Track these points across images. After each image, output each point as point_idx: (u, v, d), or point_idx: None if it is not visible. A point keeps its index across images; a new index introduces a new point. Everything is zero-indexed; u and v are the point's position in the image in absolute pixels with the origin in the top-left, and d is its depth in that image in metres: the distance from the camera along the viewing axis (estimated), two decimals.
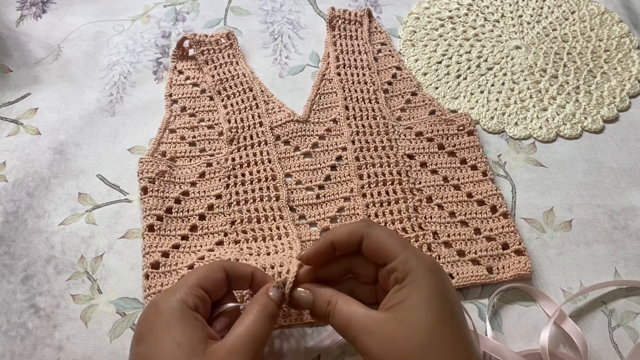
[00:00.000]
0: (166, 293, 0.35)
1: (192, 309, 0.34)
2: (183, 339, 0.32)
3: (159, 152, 0.53)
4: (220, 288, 0.37)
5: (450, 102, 0.58)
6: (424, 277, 0.34)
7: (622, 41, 0.62)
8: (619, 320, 0.44)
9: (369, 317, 0.34)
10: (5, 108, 0.57)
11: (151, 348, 0.32)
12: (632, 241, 0.49)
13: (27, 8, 0.66)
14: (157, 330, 0.33)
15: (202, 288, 0.35)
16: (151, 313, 0.34)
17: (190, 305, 0.34)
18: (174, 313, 0.33)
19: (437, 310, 0.33)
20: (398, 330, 0.32)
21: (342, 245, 0.37)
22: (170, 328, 0.32)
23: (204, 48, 0.59)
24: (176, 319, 0.33)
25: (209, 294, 0.36)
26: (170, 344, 0.32)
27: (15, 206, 0.50)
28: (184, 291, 0.34)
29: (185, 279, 0.36)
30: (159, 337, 0.32)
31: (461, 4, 0.66)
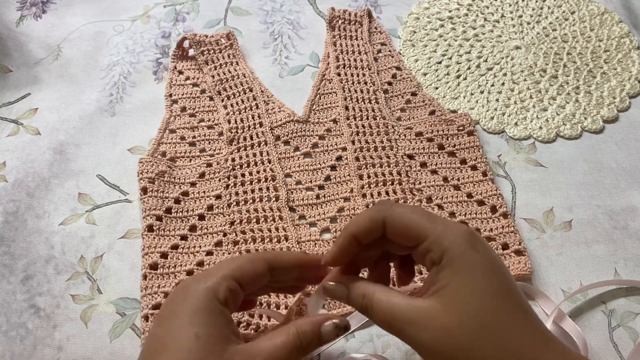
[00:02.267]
0: (198, 278, 0.33)
1: (221, 302, 0.31)
2: (203, 332, 0.30)
3: (159, 153, 0.53)
4: (257, 281, 0.34)
5: (450, 102, 0.58)
6: (463, 253, 0.30)
7: (622, 41, 0.62)
8: (619, 321, 0.44)
9: (412, 307, 0.30)
10: (5, 108, 0.57)
11: (168, 332, 0.30)
12: (632, 241, 0.49)
13: (27, 8, 0.66)
14: (179, 315, 0.31)
15: (236, 280, 0.33)
16: (178, 296, 0.32)
17: (220, 298, 0.31)
18: (201, 302, 0.31)
19: (486, 288, 0.30)
20: (449, 319, 0.29)
21: (365, 236, 0.33)
22: (193, 317, 0.30)
23: (204, 48, 0.59)
24: (201, 309, 0.31)
25: (242, 287, 0.33)
26: (188, 334, 0.30)
27: (15, 206, 0.50)
28: (216, 281, 0.32)
29: (221, 266, 0.34)
30: (179, 323, 0.30)
31: (461, 4, 0.66)
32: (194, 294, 0.31)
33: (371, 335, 0.44)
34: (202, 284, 0.32)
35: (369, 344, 0.43)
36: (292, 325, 0.32)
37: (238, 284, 0.33)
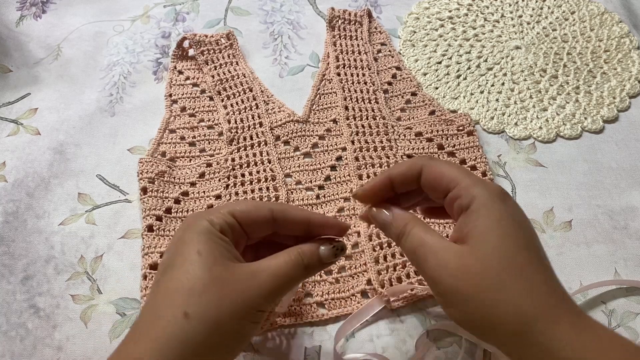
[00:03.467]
0: (200, 213, 0.35)
1: (218, 231, 0.33)
2: (204, 250, 0.32)
3: (159, 152, 0.53)
4: (260, 227, 0.35)
5: (450, 102, 0.58)
6: (492, 202, 0.31)
7: (622, 41, 0.62)
8: (619, 320, 0.44)
9: (443, 243, 0.32)
10: (5, 108, 0.57)
11: (174, 253, 0.33)
12: (632, 241, 0.49)
13: (27, 8, 0.66)
14: (182, 242, 0.33)
15: (236, 218, 0.34)
16: (180, 228, 0.34)
17: (216, 227, 0.33)
18: (200, 229, 0.33)
19: (511, 235, 0.31)
20: (472, 259, 0.30)
21: (401, 181, 0.35)
22: (195, 239, 0.32)
23: (204, 48, 0.59)
24: (201, 233, 0.33)
25: (245, 229, 0.35)
26: (191, 252, 0.32)
27: (15, 206, 0.50)
28: (214, 214, 0.34)
29: (224, 205, 0.36)
30: (183, 247, 0.32)
31: (461, 4, 0.66)
32: (196, 224, 0.33)
33: (371, 336, 0.44)
34: (202, 216, 0.34)
35: (369, 344, 0.43)
36: (294, 248, 0.34)
37: (238, 222, 0.34)
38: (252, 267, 0.32)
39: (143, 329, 0.31)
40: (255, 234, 0.36)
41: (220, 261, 0.32)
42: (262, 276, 0.32)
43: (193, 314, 0.30)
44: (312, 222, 0.36)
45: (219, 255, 0.32)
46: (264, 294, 0.32)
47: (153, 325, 0.30)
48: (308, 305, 0.45)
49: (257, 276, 0.32)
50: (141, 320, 0.32)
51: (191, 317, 0.30)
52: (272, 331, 0.44)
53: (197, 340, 0.30)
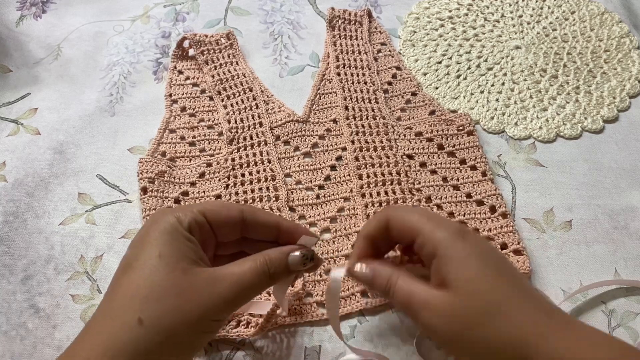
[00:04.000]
0: (168, 210, 0.34)
1: (185, 229, 0.33)
2: (166, 252, 0.31)
3: (159, 152, 0.53)
4: (229, 228, 0.35)
5: (450, 102, 0.58)
6: (454, 246, 0.33)
7: (622, 41, 0.62)
8: (619, 320, 0.44)
9: (429, 293, 0.33)
10: (5, 108, 0.57)
11: (135, 254, 0.32)
12: (632, 241, 0.49)
13: (27, 8, 0.66)
14: (145, 239, 0.32)
15: (205, 217, 0.34)
16: (148, 225, 0.33)
17: (184, 226, 0.32)
18: (165, 226, 0.32)
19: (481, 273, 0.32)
20: (455, 303, 0.32)
21: (377, 237, 0.37)
22: (157, 239, 0.32)
23: (204, 48, 0.59)
24: (165, 232, 0.32)
25: (214, 230, 0.34)
26: (152, 255, 0.31)
27: (15, 206, 0.50)
28: (182, 212, 0.33)
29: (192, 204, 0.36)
30: (145, 246, 0.32)
31: (461, 4, 0.66)
32: (161, 220, 0.33)
33: (371, 336, 0.44)
34: (170, 214, 0.33)
35: (369, 344, 0.43)
36: (260, 254, 0.34)
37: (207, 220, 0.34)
38: (214, 274, 0.32)
39: (95, 330, 0.30)
40: (225, 235, 0.35)
41: (181, 265, 0.31)
42: (224, 284, 0.31)
43: (147, 320, 0.29)
44: (282, 228, 0.36)
45: (181, 258, 0.31)
46: (223, 304, 0.31)
47: (105, 328, 0.30)
48: (308, 305, 0.45)
49: (217, 284, 0.31)
50: (94, 321, 0.31)
51: (145, 324, 0.29)
52: (272, 331, 0.44)
53: (148, 348, 0.29)
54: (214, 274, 0.32)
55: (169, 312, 0.30)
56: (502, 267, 0.33)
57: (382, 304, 0.45)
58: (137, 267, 0.31)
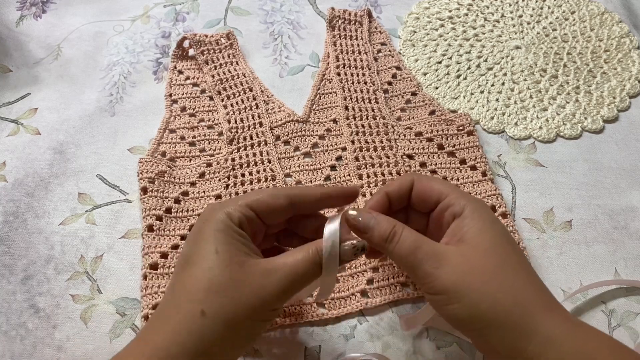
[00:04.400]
0: (219, 205, 0.35)
1: (236, 225, 0.34)
2: (222, 248, 0.33)
3: (159, 152, 0.53)
4: (278, 215, 0.36)
5: (450, 102, 0.58)
6: (482, 208, 0.35)
7: (622, 41, 0.62)
8: (619, 320, 0.44)
9: (439, 247, 0.34)
10: (5, 108, 0.57)
11: (193, 251, 0.34)
12: (632, 241, 0.49)
13: (27, 8, 0.66)
14: (201, 236, 0.34)
15: (253, 209, 0.35)
16: (202, 221, 0.35)
17: (235, 221, 0.34)
18: (218, 224, 0.34)
19: (503, 237, 0.34)
20: (475, 258, 0.32)
21: (396, 197, 0.38)
22: (212, 236, 0.33)
23: (204, 48, 0.59)
24: (218, 230, 0.33)
25: (262, 219, 0.36)
26: (209, 251, 0.33)
27: (15, 206, 0.50)
28: (232, 207, 0.35)
29: (242, 196, 0.37)
30: (202, 243, 0.33)
31: (461, 4, 0.66)
32: (214, 217, 0.34)
33: (371, 336, 0.44)
34: (221, 210, 0.35)
35: (369, 344, 0.43)
36: (312, 243, 0.34)
37: (255, 213, 0.35)
38: (268, 265, 0.33)
39: (164, 319, 0.32)
40: (273, 221, 0.37)
41: (236, 259, 0.33)
42: (278, 275, 0.33)
43: (209, 312, 0.31)
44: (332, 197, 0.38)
45: (235, 253, 0.33)
46: (278, 294, 0.33)
47: (173, 318, 0.32)
48: (308, 305, 0.45)
49: (272, 275, 0.33)
50: (162, 312, 0.33)
51: (207, 316, 0.31)
52: (272, 331, 0.44)
53: (212, 337, 0.31)
54: (268, 266, 0.33)
55: (229, 304, 0.32)
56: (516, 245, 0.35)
57: (382, 304, 0.45)
58: (196, 262, 0.33)
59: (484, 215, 0.34)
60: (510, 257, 0.33)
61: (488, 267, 0.32)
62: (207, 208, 0.36)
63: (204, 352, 0.31)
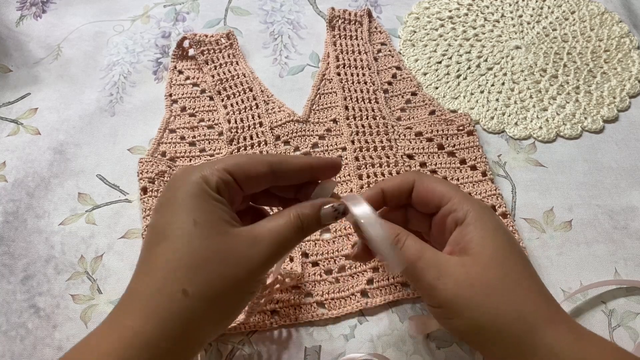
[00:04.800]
0: (191, 169, 0.32)
1: (214, 190, 0.31)
2: (201, 218, 0.30)
3: (159, 152, 0.53)
4: (257, 183, 0.33)
5: (450, 102, 0.58)
6: (485, 215, 0.33)
7: (622, 41, 0.62)
8: (619, 320, 0.44)
9: (442, 255, 0.33)
10: (5, 108, 0.57)
11: (167, 222, 0.30)
12: (632, 241, 0.49)
13: (27, 8, 0.66)
14: (174, 204, 0.30)
15: (231, 174, 0.32)
16: (171, 185, 0.32)
17: (212, 186, 0.31)
18: (192, 189, 0.30)
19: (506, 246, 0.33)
20: (477, 270, 0.31)
21: (393, 194, 0.36)
22: (189, 203, 0.30)
23: (204, 48, 0.59)
24: (194, 196, 0.30)
25: (240, 185, 0.32)
26: (186, 221, 0.30)
27: (15, 206, 0.50)
28: (207, 170, 0.31)
29: (216, 160, 0.33)
30: (176, 211, 0.30)
31: (461, 4, 0.66)
32: (187, 182, 0.31)
33: (371, 336, 0.44)
34: (195, 173, 0.31)
35: (369, 344, 0.43)
36: (292, 208, 0.33)
37: (234, 178, 0.32)
38: (251, 233, 0.31)
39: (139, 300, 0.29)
40: (252, 189, 0.33)
41: (217, 229, 0.30)
42: (263, 243, 0.31)
43: (192, 291, 0.29)
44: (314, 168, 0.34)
45: (216, 222, 0.30)
46: (265, 263, 0.31)
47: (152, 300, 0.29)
48: (308, 305, 0.45)
49: (257, 244, 0.30)
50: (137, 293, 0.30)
51: (191, 295, 0.29)
52: (272, 331, 0.44)
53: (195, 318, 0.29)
54: (251, 234, 0.31)
55: (214, 280, 0.29)
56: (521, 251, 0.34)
57: (382, 304, 0.45)
58: (173, 235, 0.30)
59: (487, 222, 0.33)
60: (514, 268, 0.32)
61: (490, 280, 0.31)
62: (179, 171, 0.32)
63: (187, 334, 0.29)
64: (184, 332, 0.29)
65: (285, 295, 0.45)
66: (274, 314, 0.44)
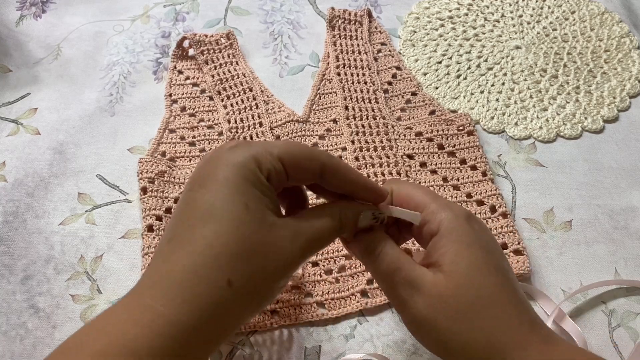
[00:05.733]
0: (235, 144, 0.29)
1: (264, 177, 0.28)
2: (253, 203, 0.27)
3: (159, 152, 0.53)
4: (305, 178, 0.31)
5: (450, 102, 0.58)
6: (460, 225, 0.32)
7: (622, 41, 0.62)
8: (619, 321, 0.44)
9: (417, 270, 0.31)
10: (5, 108, 0.57)
11: (212, 196, 0.27)
12: (632, 241, 0.49)
13: (27, 8, 0.66)
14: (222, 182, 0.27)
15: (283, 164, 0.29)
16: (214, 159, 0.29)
17: (263, 172, 0.28)
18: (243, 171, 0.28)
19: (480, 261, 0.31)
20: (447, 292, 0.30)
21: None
22: (239, 186, 0.27)
23: (204, 48, 0.59)
24: (245, 178, 0.28)
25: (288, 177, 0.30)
26: (238, 205, 0.27)
27: (14, 206, 0.50)
28: (261, 153, 0.28)
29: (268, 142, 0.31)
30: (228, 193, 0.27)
31: (461, 4, 0.66)
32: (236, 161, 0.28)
33: (371, 336, 0.44)
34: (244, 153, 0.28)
35: (369, 344, 0.43)
36: (336, 207, 0.32)
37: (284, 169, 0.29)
38: (294, 228, 0.29)
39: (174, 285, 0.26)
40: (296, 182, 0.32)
41: (265, 219, 0.28)
42: (304, 239, 0.29)
43: (237, 282, 0.27)
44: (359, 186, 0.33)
45: (265, 210, 0.28)
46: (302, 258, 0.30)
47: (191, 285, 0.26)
48: (308, 305, 0.45)
49: (299, 238, 0.29)
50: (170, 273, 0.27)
51: (234, 286, 0.27)
52: (272, 331, 0.44)
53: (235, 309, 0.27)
54: (296, 228, 0.29)
55: (256, 273, 0.27)
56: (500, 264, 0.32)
57: (382, 304, 0.45)
58: (222, 218, 0.27)
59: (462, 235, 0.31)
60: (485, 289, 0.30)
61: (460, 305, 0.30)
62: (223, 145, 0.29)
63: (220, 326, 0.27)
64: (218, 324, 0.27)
65: (285, 295, 0.45)
66: (274, 314, 0.44)
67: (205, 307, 0.26)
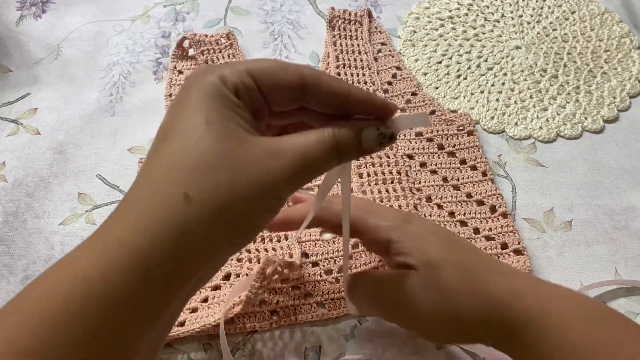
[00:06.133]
0: (207, 67, 0.28)
1: (231, 92, 0.26)
2: (215, 118, 0.25)
3: None
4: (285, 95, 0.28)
5: (450, 102, 0.58)
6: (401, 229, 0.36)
7: (622, 41, 0.62)
8: None
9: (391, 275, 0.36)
10: (5, 108, 0.57)
11: (175, 119, 0.26)
12: (632, 241, 0.49)
13: (27, 8, 0.66)
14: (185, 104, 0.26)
15: (255, 80, 0.27)
16: (185, 85, 0.27)
17: (229, 87, 0.26)
18: (207, 88, 0.26)
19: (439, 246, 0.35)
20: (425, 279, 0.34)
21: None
22: (200, 103, 0.26)
23: (204, 48, 0.59)
24: (209, 95, 0.26)
25: (265, 96, 0.28)
26: (197, 120, 0.25)
27: (14, 206, 0.50)
28: (227, 70, 0.27)
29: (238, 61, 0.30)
30: (187, 111, 0.26)
31: (461, 4, 0.66)
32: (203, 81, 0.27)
33: (371, 336, 0.44)
34: (213, 73, 0.27)
35: (369, 345, 0.43)
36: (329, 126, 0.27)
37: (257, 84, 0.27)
38: (274, 144, 0.26)
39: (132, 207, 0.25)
40: (279, 103, 0.28)
41: (233, 133, 0.26)
42: (287, 157, 0.26)
43: (196, 197, 0.24)
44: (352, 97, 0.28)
45: (232, 125, 0.26)
46: (286, 180, 0.26)
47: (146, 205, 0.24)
48: (308, 305, 0.45)
49: (279, 156, 0.26)
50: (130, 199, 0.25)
51: (193, 201, 0.24)
52: (272, 331, 0.44)
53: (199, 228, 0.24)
54: (273, 144, 0.26)
55: (222, 186, 0.24)
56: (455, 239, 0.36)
57: None
58: (179, 135, 0.25)
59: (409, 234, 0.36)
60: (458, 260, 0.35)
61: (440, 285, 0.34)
62: (195, 71, 0.28)
63: (187, 249, 0.24)
64: (183, 245, 0.24)
65: (285, 295, 0.45)
66: (274, 314, 0.44)
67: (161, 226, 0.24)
